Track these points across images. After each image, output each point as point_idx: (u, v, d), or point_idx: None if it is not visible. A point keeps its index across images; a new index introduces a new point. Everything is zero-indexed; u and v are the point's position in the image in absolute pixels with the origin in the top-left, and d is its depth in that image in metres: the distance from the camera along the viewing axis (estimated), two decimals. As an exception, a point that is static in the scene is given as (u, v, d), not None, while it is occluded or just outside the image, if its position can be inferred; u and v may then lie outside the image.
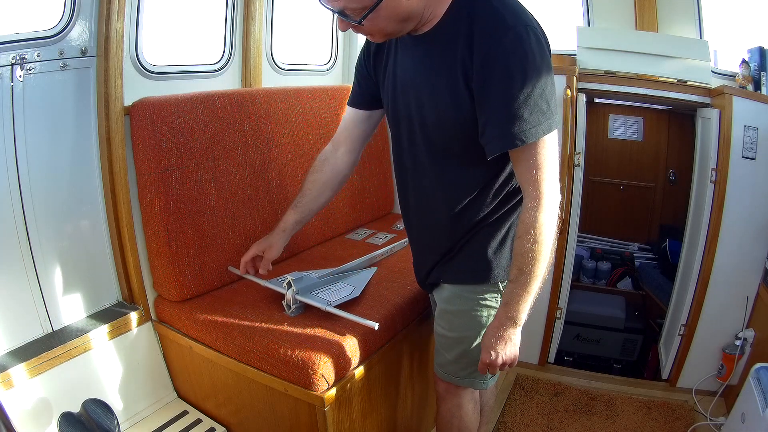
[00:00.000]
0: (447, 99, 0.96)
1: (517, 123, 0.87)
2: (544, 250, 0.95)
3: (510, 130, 0.88)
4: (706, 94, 1.91)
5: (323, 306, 1.31)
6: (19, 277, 1.29)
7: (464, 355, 1.19)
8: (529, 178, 0.93)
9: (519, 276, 0.97)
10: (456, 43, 0.91)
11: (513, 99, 0.86)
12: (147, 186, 1.39)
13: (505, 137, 0.89)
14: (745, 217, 1.79)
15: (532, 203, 0.93)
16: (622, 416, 1.89)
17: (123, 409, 1.45)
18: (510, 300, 1.00)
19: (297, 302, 1.35)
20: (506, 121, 0.88)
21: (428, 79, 0.99)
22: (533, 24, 0.89)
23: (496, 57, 0.86)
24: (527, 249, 0.95)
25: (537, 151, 0.91)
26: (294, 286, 1.35)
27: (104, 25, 1.32)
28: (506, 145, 0.90)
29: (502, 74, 0.86)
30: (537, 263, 0.96)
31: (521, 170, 0.94)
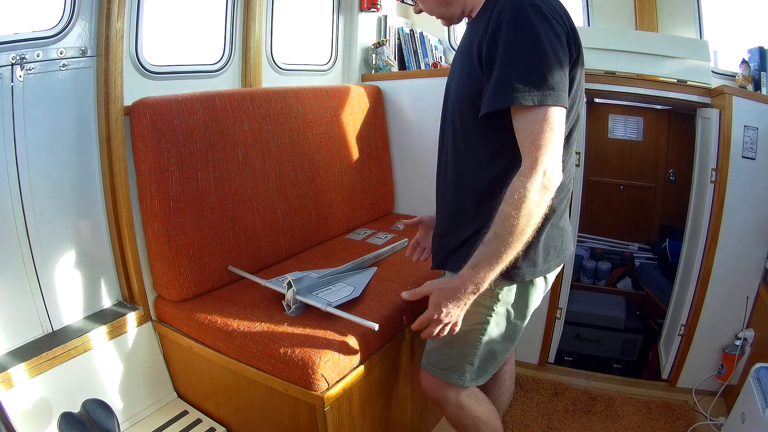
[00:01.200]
0: (464, 74, 1.02)
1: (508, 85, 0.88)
2: (524, 222, 0.91)
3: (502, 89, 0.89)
4: (706, 94, 1.91)
5: (323, 306, 1.31)
6: (19, 277, 1.29)
7: (445, 344, 1.17)
8: (525, 144, 0.91)
9: (493, 240, 0.94)
10: (482, 24, 0.97)
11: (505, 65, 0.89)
12: (147, 186, 1.39)
13: (496, 96, 0.90)
14: (745, 217, 1.78)
15: (524, 169, 0.91)
16: (622, 416, 1.89)
17: (123, 409, 1.45)
18: (478, 264, 0.96)
19: (297, 302, 1.36)
20: (500, 83, 0.90)
21: (459, 59, 1.08)
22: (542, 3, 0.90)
23: (499, 29, 0.90)
24: (507, 213, 0.91)
25: (535, 119, 0.89)
26: (294, 286, 1.35)
27: (104, 25, 1.32)
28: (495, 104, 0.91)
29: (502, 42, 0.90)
30: (514, 233, 0.92)
31: (520, 138, 0.92)
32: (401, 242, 1.82)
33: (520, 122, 0.91)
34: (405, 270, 1.65)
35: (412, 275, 1.61)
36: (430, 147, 2.22)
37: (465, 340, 1.15)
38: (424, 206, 1.59)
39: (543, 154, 0.89)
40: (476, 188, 1.06)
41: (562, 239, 1.14)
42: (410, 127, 2.26)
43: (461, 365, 1.18)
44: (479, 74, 0.95)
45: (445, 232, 1.17)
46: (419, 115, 2.24)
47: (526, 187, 0.90)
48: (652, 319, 2.46)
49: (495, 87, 0.90)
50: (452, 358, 1.18)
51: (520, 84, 0.87)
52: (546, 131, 0.89)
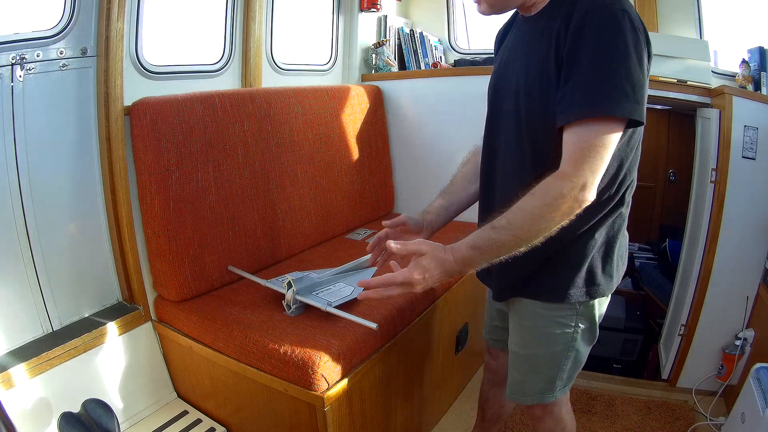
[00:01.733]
0: (538, 71, 0.92)
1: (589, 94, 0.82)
2: (544, 225, 0.85)
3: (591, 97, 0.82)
4: (706, 94, 1.91)
5: (323, 306, 1.31)
6: (19, 277, 1.29)
7: (535, 372, 1.14)
8: (577, 150, 0.84)
9: (505, 228, 0.87)
10: (556, 18, 0.89)
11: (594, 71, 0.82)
12: (147, 186, 1.39)
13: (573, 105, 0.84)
14: (745, 217, 1.78)
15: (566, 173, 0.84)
16: (622, 416, 1.89)
17: (123, 409, 1.45)
18: (480, 246, 0.88)
19: (297, 302, 1.36)
20: (579, 90, 0.83)
21: (527, 53, 0.97)
22: (630, 11, 0.85)
23: (588, 29, 0.83)
24: (533, 208, 0.85)
25: (604, 131, 0.83)
26: (294, 286, 1.35)
27: (104, 25, 1.32)
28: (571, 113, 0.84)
29: (592, 46, 0.83)
30: (530, 231, 0.86)
31: (568, 144, 0.85)
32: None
33: (584, 129, 0.83)
34: (405, 270, 1.65)
35: (412, 275, 1.60)
36: (430, 147, 2.24)
37: (554, 362, 1.11)
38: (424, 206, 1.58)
39: (592, 168, 0.84)
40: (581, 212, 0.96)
41: (627, 246, 1.14)
42: (410, 127, 2.26)
43: (552, 383, 1.15)
44: (553, 69, 0.88)
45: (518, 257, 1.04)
46: (419, 115, 2.24)
47: (563, 193, 0.84)
48: (652, 319, 2.45)
49: (584, 93, 0.83)
50: (542, 381, 1.15)
51: (613, 93, 0.81)
52: (607, 146, 0.83)
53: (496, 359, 1.41)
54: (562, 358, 1.11)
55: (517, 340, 1.16)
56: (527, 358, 1.15)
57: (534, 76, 0.93)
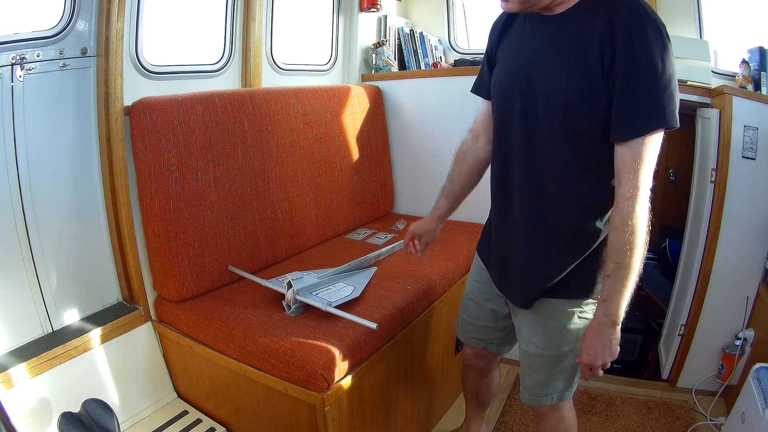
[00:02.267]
0: (582, 80, 0.93)
1: (649, 112, 0.88)
2: (641, 242, 0.93)
3: (642, 117, 0.88)
4: (706, 94, 1.91)
5: (323, 306, 1.31)
6: (19, 277, 1.29)
7: (560, 371, 1.16)
8: (632, 167, 0.90)
9: (618, 270, 0.95)
10: (594, 26, 0.91)
11: (657, 86, 0.87)
12: (147, 186, 1.39)
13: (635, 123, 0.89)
14: (745, 217, 1.78)
15: (630, 192, 0.91)
16: (622, 416, 1.89)
17: (123, 409, 1.45)
18: (609, 297, 0.97)
19: (297, 302, 1.35)
20: (638, 107, 0.88)
21: (561, 58, 0.96)
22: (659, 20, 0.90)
23: (640, 43, 0.87)
24: (625, 240, 0.92)
25: (649, 144, 0.89)
26: (294, 286, 1.35)
27: (104, 25, 1.32)
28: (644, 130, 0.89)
29: (647, 60, 0.87)
30: (635, 255, 0.93)
31: (627, 157, 0.91)
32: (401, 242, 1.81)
33: (642, 143, 0.89)
34: (405, 270, 1.65)
35: (412, 275, 1.61)
36: (430, 147, 2.24)
37: (574, 356, 1.14)
38: (424, 206, 1.59)
39: (650, 176, 0.91)
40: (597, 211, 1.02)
41: None
42: (410, 127, 2.26)
43: (571, 380, 1.20)
44: (602, 86, 0.91)
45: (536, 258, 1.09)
46: (419, 115, 2.24)
47: (636, 211, 0.91)
48: (652, 319, 2.45)
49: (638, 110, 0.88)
50: (564, 379, 1.19)
51: (669, 106, 0.88)
52: (654, 151, 0.90)
53: (482, 358, 1.43)
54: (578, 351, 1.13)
55: (538, 341, 1.16)
56: (554, 359, 1.16)
57: (575, 81, 0.93)
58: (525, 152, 1.05)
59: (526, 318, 1.18)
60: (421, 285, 1.57)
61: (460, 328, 1.43)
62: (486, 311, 1.33)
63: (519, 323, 1.22)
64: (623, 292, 0.96)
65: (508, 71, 1.08)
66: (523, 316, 1.19)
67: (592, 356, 1.01)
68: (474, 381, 1.51)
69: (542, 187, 1.04)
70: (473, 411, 1.62)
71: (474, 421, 1.63)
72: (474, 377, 1.50)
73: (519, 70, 1.04)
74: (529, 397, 1.23)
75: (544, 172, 1.03)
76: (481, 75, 1.23)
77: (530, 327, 1.18)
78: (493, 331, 1.34)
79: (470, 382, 1.52)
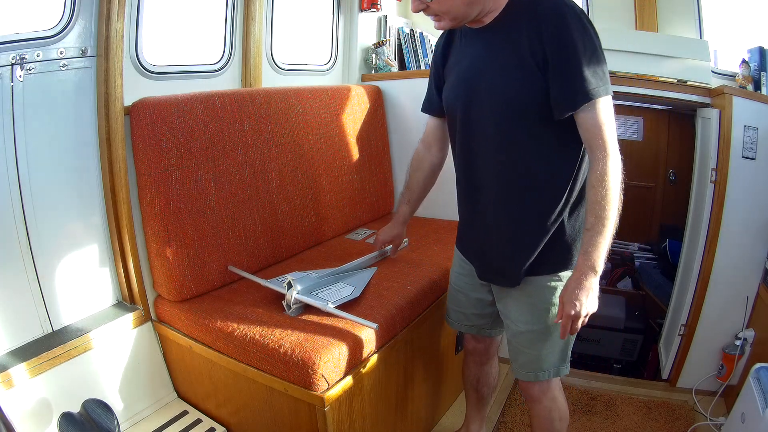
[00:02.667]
0: (520, 77, 1.05)
1: (584, 84, 1.00)
2: (615, 197, 1.03)
3: (579, 90, 1.00)
4: (706, 94, 1.91)
5: (323, 306, 1.31)
6: (19, 277, 1.29)
7: (551, 345, 1.23)
8: (595, 133, 1.03)
9: (596, 223, 1.04)
10: (520, 28, 1.04)
11: (580, 66, 0.99)
12: (147, 186, 1.39)
13: (575, 96, 1.01)
14: (745, 217, 1.78)
15: (601, 154, 1.02)
16: (622, 416, 1.89)
17: (123, 409, 1.45)
18: (589, 248, 1.05)
19: (297, 302, 1.35)
20: (575, 83, 1.00)
21: (498, 63, 1.09)
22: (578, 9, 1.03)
23: (563, 32, 0.99)
24: (601, 196, 1.02)
25: (600, 110, 1.02)
26: (294, 286, 1.35)
27: (104, 25, 1.32)
28: (576, 103, 1.01)
29: (571, 46, 0.99)
30: (611, 209, 1.03)
31: (587, 127, 1.03)
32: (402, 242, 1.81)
33: (590, 113, 1.02)
34: (405, 270, 1.65)
35: (412, 275, 1.61)
36: (429, 147, 2.24)
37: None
38: (423, 206, 1.59)
39: (614, 137, 1.03)
40: (557, 186, 1.12)
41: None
42: (410, 127, 2.26)
43: (565, 354, 1.27)
44: (539, 77, 1.03)
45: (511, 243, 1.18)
46: (419, 115, 2.23)
47: (609, 169, 1.02)
48: (652, 319, 2.46)
49: (575, 85, 1.00)
50: (557, 352, 1.25)
51: (594, 79, 1.00)
52: (612, 118, 1.03)
53: (480, 341, 1.50)
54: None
55: (527, 319, 1.23)
56: (543, 333, 1.22)
57: (513, 77, 1.06)
58: (484, 152, 1.16)
59: (513, 300, 1.25)
60: (421, 285, 1.57)
61: (452, 319, 1.48)
62: (472, 300, 1.39)
63: (505, 307, 1.29)
64: (602, 242, 1.05)
65: (455, 84, 1.19)
66: (510, 298, 1.26)
67: (576, 306, 1.07)
68: (474, 369, 1.55)
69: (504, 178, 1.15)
70: (473, 408, 1.63)
71: (474, 421, 1.64)
72: (474, 365, 1.55)
73: (464, 81, 1.16)
74: (525, 374, 1.28)
75: (504, 165, 1.13)
76: (429, 95, 1.37)
77: (518, 307, 1.25)
78: (481, 317, 1.41)
79: (470, 372, 1.57)
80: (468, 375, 1.58)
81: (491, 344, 1.51)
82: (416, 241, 1.91)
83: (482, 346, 1.51)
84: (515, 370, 1.31)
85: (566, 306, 1.08)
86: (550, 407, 1.32)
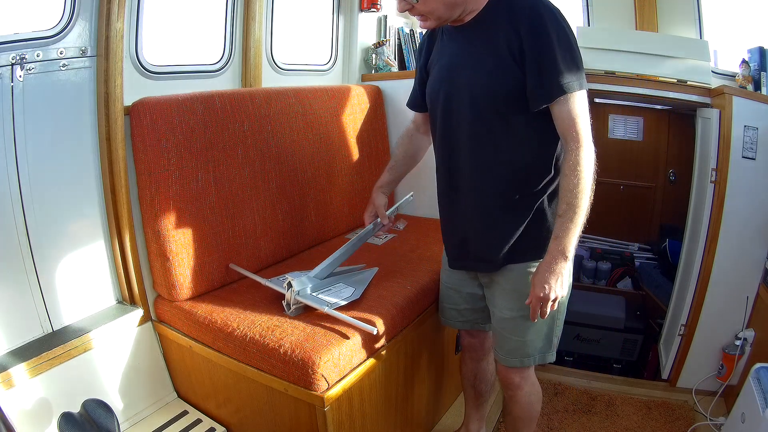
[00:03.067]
0: (497, 71, 1.10)
1: (559, 77, 1.04)
2: (587, 187, 1.08)
3: (554, 84, 1.05)
4: (706, 94, 1.91)
5: (323, 308, 1.31)
6: (19, 277, 1.29)
7: (536, 331, 1.27)
8: (569, 125, 1.07)
9: (567, 210, 1.09)
10: (498, 26, 1.09)
11: (556, 61, 1.04)
12: (147, 186, 1.39)
13: (551, 89, 1.06)
14: (745, 217, 1.78)
15: (574, 145, 1.08)
16: (622, 416, 1.89)
17: (123, 409, 1.45)
18: (560, 234, 1.10)
19: (297, 303, 1.35)
20: (551, 77, 1.05)
21: (476, 57, 1.14)
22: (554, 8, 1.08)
23: (539, 29, 1.04)
24: (573, 184, 1.07)
25: (574, 103, 1.06)
26: (294, 287, 1.35)
27: (104, 25, 1.32)
28: (552, 96, 1.06)
29: (546, 42, 1.04)
30: (583, 197, 1.08)
31: (562, 119, 1.08)
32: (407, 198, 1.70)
33: (564, 106, 1.06)
34: (406, 270, 1.65)
35: (412, 275, 1.61)
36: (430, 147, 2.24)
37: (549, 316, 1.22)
38: (424, 206, 1.59)
39: (588, 128, 1.09)
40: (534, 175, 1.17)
41: None
42: (410, 127, 2.26)
43: (550, 341, 1.31)
44: (515, 71, 1.08)
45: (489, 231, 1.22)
46: (419, 115, 2.24)
47: (581, 159, 1.07)
48: (652, 319, 2.46)
49: (554, 76, 1.04)
50: (542, 339, 1.29)
51: (569, 74, 1.05)
52: (585, 111, 1.09)
53: (475, 336, 1.53)
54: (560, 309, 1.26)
55: (511, 305, 1.27)
56: (526, 318, 1.24)
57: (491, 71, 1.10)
58: (463, 142, 1.19)
59: (498, 289, 1.30)
60: (421, 285, 1.57)
61: (446, 317, 1.51)
62: (464, 296, 1.43)
63: (492, 296, 1.33)
64: (573, 229, 1.09)
65: (436, 78, 1.24)
66: (495, 288, 1.30)
67: (545, 289, 1.12)
68: (471, 366, 1.58)
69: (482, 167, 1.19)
70: (472, 407, 1.64)
71: (473, 420, 1.65)
72: (471, 361, 1.57)
73: (445, 75, 1.21)
74: (511, 360, 1.32)
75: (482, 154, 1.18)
76: (414, 91, 1.41)
77: (502, 295, 1.29)
78: (474, 311, 1.44)
79: (467, 368, 1.59)
80: (465, 372, 1.60)
81: (486, 339, 1.54)
82: (416, 241, 1.91)
83: (477, 342, 1.53)
84: (501, 358, 1.34)
85: (536, 288, 1.13)
86: (530, 392, 1.38)
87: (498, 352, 1.35)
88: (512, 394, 1.39)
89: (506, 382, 1.37)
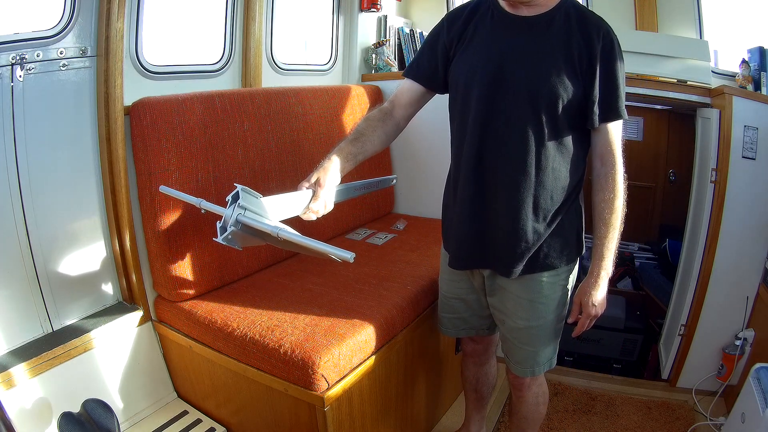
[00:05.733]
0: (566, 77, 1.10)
1: (618, 102, 1.12)
2: (622, 206, 1.15)
3: (614, 107, 1.12)
4: (706, 94, 1.91)
5: (274, 231, 1.04)
6: (19, 277, 1.29)
7: (547, 340, 1.28)
8: (609, 148, 1.14)
9: (608, 231, 1.16)
10: (571, 33, 1.10)
11: (618, 86, 1.12)
12: (147, 186, 1.39)
13: (610, 111, 1.12)
14: (745, 217, 1.78)
15: (611, 166, 1.14)
16: (622, 416, 1.89)
17: (123, 409, 1.45)
18: (604, 253, 1.17)
19: (238, 224, 1.06)
20: (613, 100, 1.12)
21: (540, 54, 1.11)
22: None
23: (613, 53, 1.10)
24: (615, 207, 1.14)
25: (619, 128, 1.15)
26: (241, 201, 1.07)
27: (104, 25, 1.32)
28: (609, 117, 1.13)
29: (616, 66, 1.11)
30: (620, 216, 1.16)
31: (606, 140, 1.14)
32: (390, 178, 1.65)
33: (612, 129, 1.14)
34: (406, 270, 1.65)
35: (412, 275, 1.61)
36: (430, 147, 2.24)
37: (558, 325, 1.29)
38: (424, 206, 1.59)
39: (619, 152, 1.15)
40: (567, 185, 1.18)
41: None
42: (410, 127, 2.25)
43: (556, 347, 1.33)
44: (577, 82, 1.10)
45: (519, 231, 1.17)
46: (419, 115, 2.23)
47: (618, 182, 1.15)
48: (652, 319, 2.45)
49: (615, 101, 1.11)
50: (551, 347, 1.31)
51: (623, 102, 1.13)
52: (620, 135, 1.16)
53: (479, 342, 1.51)
54: (561, 319, 1.29)
55: (526, 315, 1.25)
56: (541, 328, 1.26)
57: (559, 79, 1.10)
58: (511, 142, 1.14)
59: (511, 295, 1.26)
60: (421, 285, 1.57)
61: (448, 328, 1.44)
62: (471, 302, 1.38)
63: (501, 302, 1.29)
64: (612, 247, 1.17)
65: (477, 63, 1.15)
66: (507, 293, 1.27)
67: (596, 308, 1.20)
68: (473, 370, 1.57)
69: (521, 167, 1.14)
70: (473, 408, 1.64)
71: (474, 421, 1.64)
72: (473, 366, 1.56)
73: (493, 63, 1.13)
74: (522, 370, 1.31)
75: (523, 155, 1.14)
76: (421, 61, 1.26)
77: (515, 303, 1.26)
78: (481, 318, 1.41)
79: (470, 372, 1.58)
80: (467, 376, 1.59)
81: (490, 344, 1.53)
82: (416, 241, 1.91)
83: (481, 347, 1.52)
84: (512, 367, 1.33)
85: (588, 308, 1.20)
86: (537, 392, 1.39)
87: (508, 360, 1.34)
88: (520, 395, 1.39)
89: (516, 384, 1.37)
